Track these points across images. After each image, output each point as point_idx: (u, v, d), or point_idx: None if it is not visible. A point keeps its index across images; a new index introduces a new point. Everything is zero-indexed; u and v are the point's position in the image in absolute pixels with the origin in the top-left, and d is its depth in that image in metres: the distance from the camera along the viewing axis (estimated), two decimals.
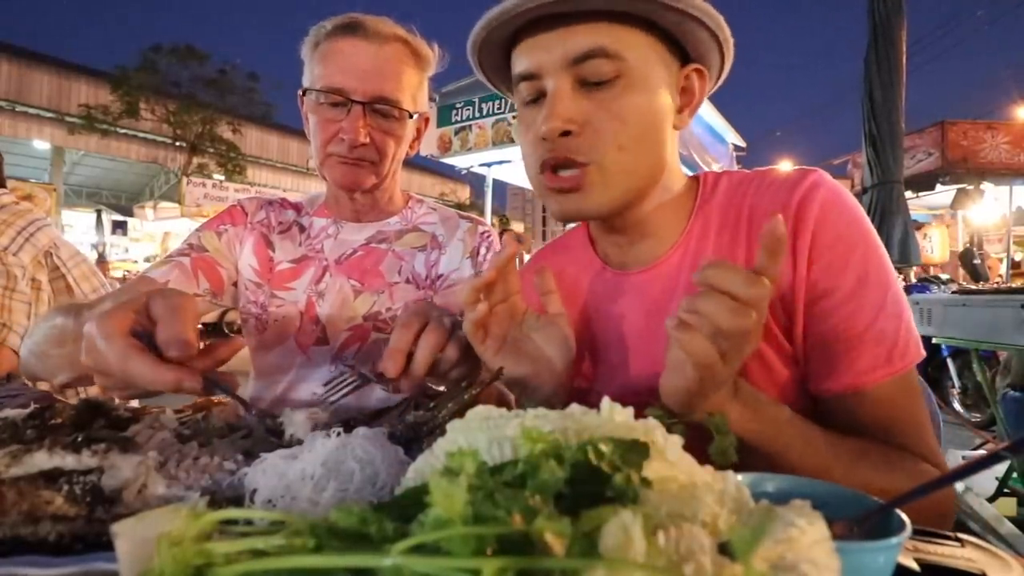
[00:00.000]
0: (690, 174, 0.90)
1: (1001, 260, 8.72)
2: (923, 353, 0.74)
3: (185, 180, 16.49)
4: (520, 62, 0.79)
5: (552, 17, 0.74)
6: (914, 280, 6.12)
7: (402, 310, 1.16)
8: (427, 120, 1.30)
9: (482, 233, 1.32)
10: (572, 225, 1.01)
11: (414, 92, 1.19)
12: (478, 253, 1.31)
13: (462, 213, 1.38)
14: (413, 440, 0.67)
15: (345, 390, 0.85)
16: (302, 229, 1.31)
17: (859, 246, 0.74)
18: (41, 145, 18.10)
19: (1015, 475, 2.74)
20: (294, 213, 1.34)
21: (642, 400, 0.82)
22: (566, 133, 0.75)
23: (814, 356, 0.75)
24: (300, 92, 1.18)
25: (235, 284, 1.30)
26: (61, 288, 1.71)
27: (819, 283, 0.74)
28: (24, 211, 1.70)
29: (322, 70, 1.13)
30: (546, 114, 0.75)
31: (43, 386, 1.24)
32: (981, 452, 3.59)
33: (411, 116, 1.18)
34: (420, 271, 1.26)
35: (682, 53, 0.80)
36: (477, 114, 6.08)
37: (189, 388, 0.61)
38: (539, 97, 0.78)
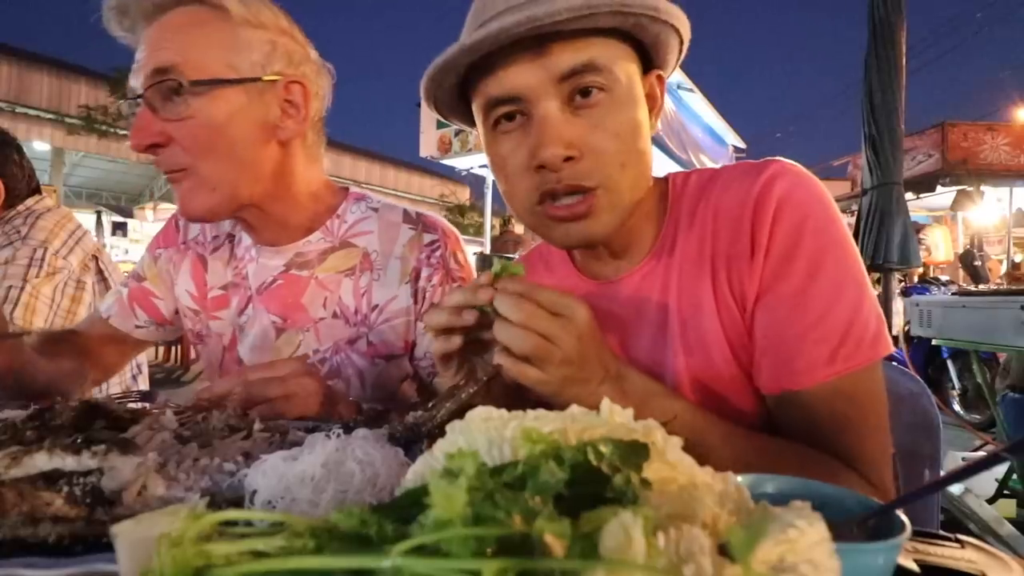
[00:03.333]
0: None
1: (1001, 262, 8.73)
2: (887, 350, 0.71)
3: None
4: (495, 85, 0.73)
5: (529, 40, 0.70)
6: (916, 281, 6.12)
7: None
8: (302, 86, 0.96)
9: (427, 244, 1.05)
10: None
11: (223, 55, 0.88)
12: (419, 276, 1.04)
13: (411, 214, 1.10)
14: (413, 441, 0.67)
15: None
16: (233, 247, 1.11)
17: (814, 238, 0.72)
18: (41, 146, 18.10)
19: (1015, 476, 2.74)
20: (231, 222, 1.10)
21: None
22: (568, 159, 0.72)
23: (758, 353, 0.74)
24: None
25: (179, 311, 1.17)
26: (102, 291, 1.74)
27: (770, 275, 0.73)
28: (69, 214, 1.74)
29: None
30: (542, 140, 0.71)
31: None
32: (981, 453, 3.59)
33: (190, 83, 0.86)
34: (348, 302, 1.03)
35: (645, 60, 0.80)
36: None
37: None
38: (515, 116, 0.74)
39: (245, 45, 0.90)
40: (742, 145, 7.82)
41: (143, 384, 1.83)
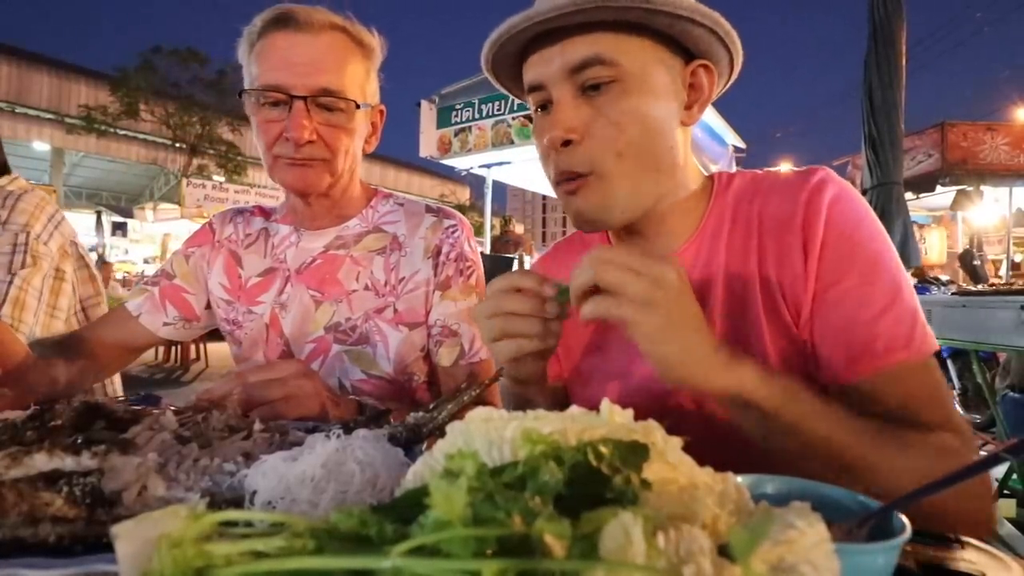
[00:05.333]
0: (705, 173, 0.92)
1: (1000, 262, 8.72)
2: (937, 345, 0.74)
3: (185, 181, 16.48)
4: (527, 75, 0.83)
5: (552, 31, 0.77)
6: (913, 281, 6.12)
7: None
8: (382, 112, 1.23)
9: (447, 228, 1.22)
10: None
11: (361, 82, 1.12)
12: (439, 252, 1.20)
13: (432, 206, 1.28)
14: (413, 442, 0.67)
15: None
16: (268, 238, 1.26)
17: (870, 239, 0.76)
18: (41, 146, 18.11)
19: (1015, 476, 2.74)
20: (262, 220, 1.30)
21: (652, 394, 0.83)
22: (567, 143, 0.78)
23: (830, 345, 0.75)
24: (238, 95, 1.12)
25: (209, 306, 1.28)
26: (85, 277, 1.63)
27: (829, 273, 0.75)
28: (46, 196, 1.57)
29: (258, 69, 1.06)
30: (549, 123, 0.79)
31: None
32: (981, 454, 3.58)
33: (358, 107, 1.11)
34: (379, 276, 1.18)
35: (685, 51, 0.82)
36: (477, 115, 6.07)
37: None
38: (546, 104, 0.82)
39: (368, 76, 1.15)
40: (742, 145, 7.80)
41: (117, 388, 1.72)
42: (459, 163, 6.70)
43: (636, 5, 0.73)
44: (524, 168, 6.54)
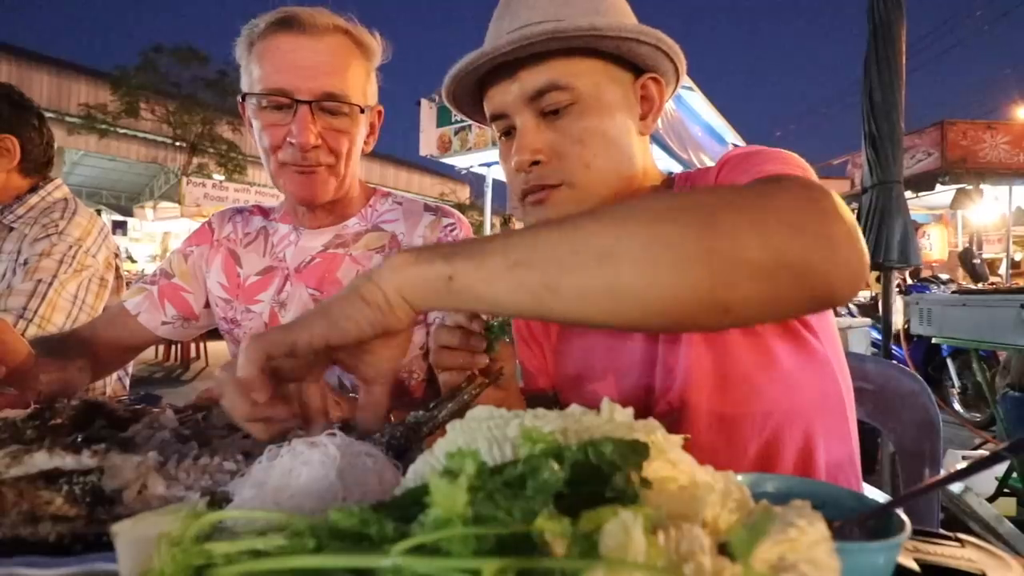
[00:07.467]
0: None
1: (1001, 261, 8.73)
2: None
3: (185, 180, 16.48)
4: (489, 105, 0.88)
5: (506, 63, 0.82)
6: (914, 280, 6.12)
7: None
8: (380, 113, 1.23)
9: (445, 226, 1.23)
10: None
11: (362, 85, 1.13)
12: None
13: (431, 204, 1.29)
14: (413, 441, 0.67)
15: None
16: (267, 237, 1.26)
17: (759, 150, 0.79)
18: None
19: (1015, 475, 2.74)
20: (262, 219, 1.30)
21: (647, 393, 0.83)
22: (535, 163, 0.83)
23: None
24: (240, 99, 1.10)
25: (208, 305, 1.28)
26: (116, 288, 1.71)
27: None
28: (93, 213, 1.70)
29: (261, 71, 1.05)
30: (516, 148, 0.84)
31: None
32: (981, 452, 3.59)
33: (362, 110, 1.11)
34: None
35: (634, 67, 0.86)
36: None
37: None
38: (510, 131, 0.87)
39: (369, 78, 1.16)
40: (742, 144, 7.83)
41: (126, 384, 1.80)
42: (459, 162, 6.69)
43: (584, 33, 0.77)
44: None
